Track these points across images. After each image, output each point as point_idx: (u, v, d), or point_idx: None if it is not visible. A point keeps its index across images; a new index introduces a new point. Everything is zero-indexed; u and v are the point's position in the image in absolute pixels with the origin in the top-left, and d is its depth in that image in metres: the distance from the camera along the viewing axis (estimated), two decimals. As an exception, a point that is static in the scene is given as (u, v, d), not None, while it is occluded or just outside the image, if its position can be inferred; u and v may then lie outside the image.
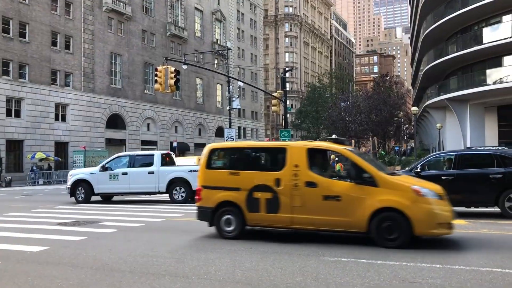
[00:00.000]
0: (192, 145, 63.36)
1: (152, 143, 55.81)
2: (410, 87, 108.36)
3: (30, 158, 39.46)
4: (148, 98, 55.79)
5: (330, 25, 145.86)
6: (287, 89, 39.13)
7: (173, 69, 25.26)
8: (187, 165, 20.36)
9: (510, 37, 33.96)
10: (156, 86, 24.82)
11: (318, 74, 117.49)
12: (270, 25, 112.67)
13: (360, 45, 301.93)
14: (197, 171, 11.98)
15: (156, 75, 24.68)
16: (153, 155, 19.97)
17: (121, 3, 50.58)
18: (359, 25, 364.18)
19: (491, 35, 36.19)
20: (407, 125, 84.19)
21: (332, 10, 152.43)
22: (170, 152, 22.09)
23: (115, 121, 50.91)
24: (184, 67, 37.90)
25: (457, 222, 9.90)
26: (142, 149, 50.27)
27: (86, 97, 46.80)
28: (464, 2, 37.82)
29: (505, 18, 35.91)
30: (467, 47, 37.23)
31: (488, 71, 36.95)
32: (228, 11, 75.31)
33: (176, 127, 61.27)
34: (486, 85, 35.67)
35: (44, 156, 39.78)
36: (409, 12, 74.03)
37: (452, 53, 39.39)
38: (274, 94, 37.64)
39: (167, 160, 20.21)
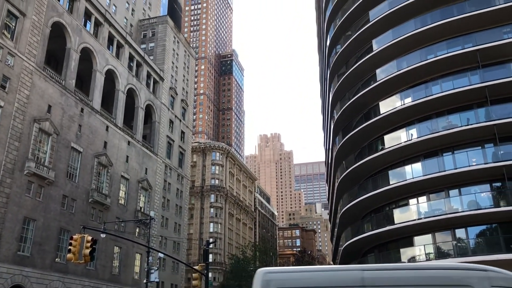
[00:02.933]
0: (102, 322, 57.02)
1: (55, 320, 49.56)
2: (332, 262, 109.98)
3: None
4: (58, 267, 51.43)
5: (254, 198, 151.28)
6: (210, 260, 38.09)
7: (90, 237, 24.09)
8: None
9: (417, 219, 36.85)
10: (69, 256, 23.22)
11: (242, 246, 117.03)
12: (196, 195, 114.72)
13: (283, 218, 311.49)
14: None
15: (70, 244, 23.26)
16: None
17: (44, 168, 49.82)
18: (282, 199, 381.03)
19: (401, 216, 39.12)
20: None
21: (256, 184, 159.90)
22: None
23: (15, 293, 45.43)
24: (103, 235, 36.29)
25: None
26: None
27: (-13, 264, 42.21)
28: (374, 185, 41.50)
29: (412, 201, 39.44)
30: (380, 227, 39.56)
31: (402, 250, 38.88)
32: (155, 180, 76.42)
33: (86, 300, 55.66)
34: (402, 263, 37.10)
35: None
36: (327, 190, 79.27)
37: (368, 231, 41.48)
38: (196, 267, 36.34)
39: None
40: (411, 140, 38.98)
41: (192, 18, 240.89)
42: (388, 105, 41.65)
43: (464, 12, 38.50)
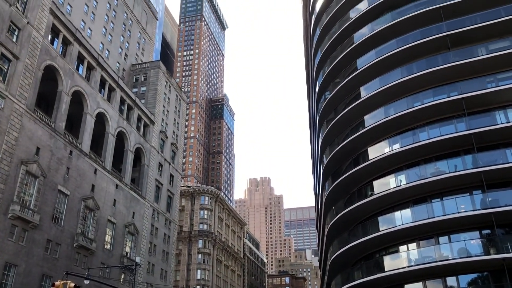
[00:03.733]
0: None
1: None
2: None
3: None
4: (39, 316, 49.36)
5: (243, 244, 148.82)
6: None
7: (72, 284, 23.36)
8: None
9: (408, 267, 36.38)
10: (49, 304, 22.37)
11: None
12: (183, 240, 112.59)
13: (272, 265, 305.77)
14: None
15: (51, 292, 22.46)
16: None
17: (29, 211, 48.83)
18: (271, 245, 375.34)
19: (392, 263, 38.60)
20: None
21: (246, 230, 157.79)
22: None
23: None
24: (86, 282, 35.21)
25: None
26: None
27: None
28: (364, 231, 41.15)
29: (402, 248, 39.06)
30: (371, 274, 38.91)
31: (393, 299, 38.09)
32: (142, 224, 75.12)
33: None
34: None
35: None
36: (317, 237, 78.36)
37: (358, 279, 40.75)
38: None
39: None
40: (400, 186, 39.09)
41: (185, 64, 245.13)
42: (377, 151, 42.03)
43: (448, 62, 39.72)
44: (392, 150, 40.64)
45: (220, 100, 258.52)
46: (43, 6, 54.44)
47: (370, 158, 41.95)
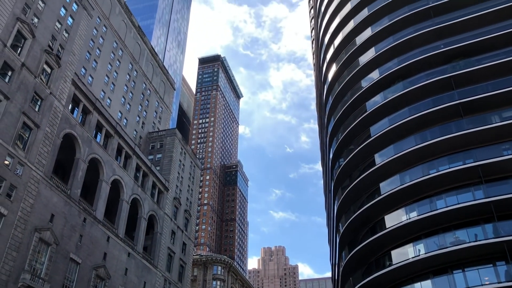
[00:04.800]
0: None
1: None
2: None
3: None
4: None
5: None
6: None
7: None
8: None
9: None
10: None
11: None
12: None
13: None
14: None
15: None
16: None
17: (40, 280, 47.95)
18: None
19: None
20: None
21: None
22: None
23: None
24: None
25: None
26: None
27: None
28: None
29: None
30: None
31: None
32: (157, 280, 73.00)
33: None
34: None
35: None
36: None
37: None
38: None
39: None
40: (418, 256, 37.82)
41: (200, 131, 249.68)
42: (394, 219, 41.18)
43: (462, 129, 39.82)
44: (409, 219, 39.79)
45: (234, 166, 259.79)
46: (65, 77, 56.89)
47: (387, 227, 41.03)
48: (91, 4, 71.35)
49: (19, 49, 50.24)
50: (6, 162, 45.69)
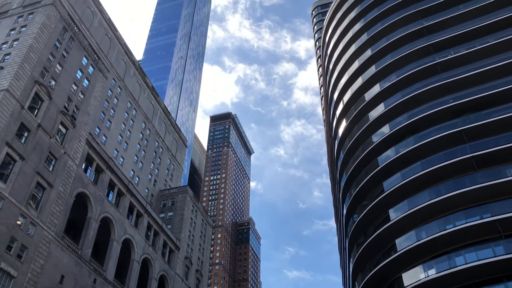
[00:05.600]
0: None
1: None
2: None
3: None
4: None
5: None
6: None
7: None
8: None
9: None
10: None
11: None
12: None
13: None
14: None
15: None
16: None
17: None
18: None
19: None
20: None
21: None
22: None
23: None
24: None
25: None
26: None
27: None
28: None
29: None
30: None
31: None
32: None
33: None
34: None
35: None
36: None
37: None
38: None
39: None
40: (440, 316, 36.15)
41: (211, 188, 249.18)
42: (412, 277, 39.77)
43: (476, 183, 39.22)
44: (428, 276, 38.39)
45: (246, 224, 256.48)
46: (80, 137, 58.00)
47: (405, 286, 39.54)
48: (106, 66, 74.00)
49: (36, 110, 51.72)
50: (19, 222, 45.72)
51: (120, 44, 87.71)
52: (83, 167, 58.87)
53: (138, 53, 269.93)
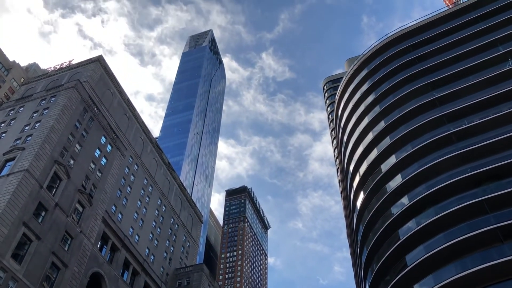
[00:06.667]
0: None
1: None
2: None
3: None
4: None
5: None
6: None
7: None
8: None
9: None
10: None
11: None
12: None
13: None
14: None
15: None
16: None
17: None
18: None
19: None
20: None
21: None
22: None
23: None
24: None
25: None
26: None
27: None
28: None
29: None
30: None
31: None
32: None
33: None
34: None
35: None
36: None
37: None
38: None
39: None
40: None
41: (228, 265, 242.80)
42: None
43: (505, 256, 37.47)
44: None
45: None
46: (96, 215, 57.98)
47: None
48: (124, 144, 75.62)
49: (54, 189, 52.34)
50: (31, 305, 44.57)
51: (138, 122, 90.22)
52: (98, 245, 58.26)
53: (156, 130, 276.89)
